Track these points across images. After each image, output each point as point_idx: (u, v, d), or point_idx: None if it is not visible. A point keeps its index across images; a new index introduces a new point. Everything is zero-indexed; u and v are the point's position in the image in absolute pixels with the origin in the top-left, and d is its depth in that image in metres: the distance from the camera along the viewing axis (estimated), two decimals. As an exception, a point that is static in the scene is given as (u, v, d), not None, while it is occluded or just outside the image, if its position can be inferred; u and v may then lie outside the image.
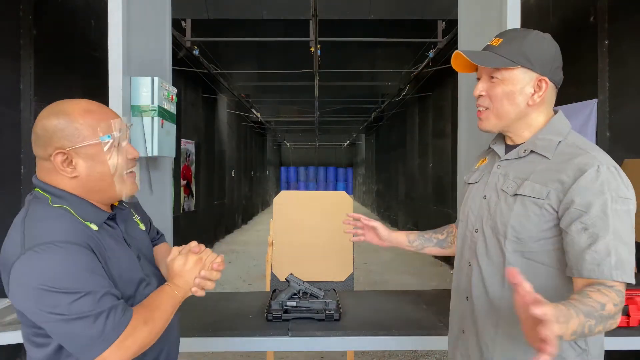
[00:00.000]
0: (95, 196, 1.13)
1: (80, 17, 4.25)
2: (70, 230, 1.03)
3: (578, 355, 1.13)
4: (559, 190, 1.10)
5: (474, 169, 1.41)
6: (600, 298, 0.98)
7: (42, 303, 0.97)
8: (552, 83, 1.21)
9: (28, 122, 3.54)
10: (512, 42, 1.19)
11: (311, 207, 2.76)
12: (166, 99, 2.14)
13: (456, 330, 1.36)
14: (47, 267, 0.97)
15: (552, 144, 1.18)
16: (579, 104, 3.84)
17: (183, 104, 7.32)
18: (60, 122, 1.08)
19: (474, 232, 1.28)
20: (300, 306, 2.04)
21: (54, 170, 1.09)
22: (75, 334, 0.98)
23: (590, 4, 3.71)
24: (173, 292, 1.16)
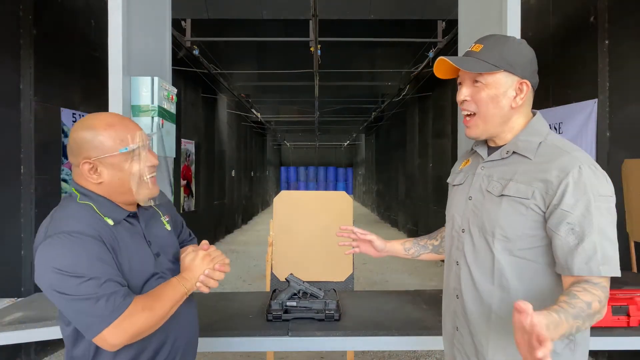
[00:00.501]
0: (118, 198, 1.28)
1: (80, 17, 4.25)
2: (87, 223, 1.18)
3: (566, 346, 1.18)
4: (543, 190, 1.14)
5: (457, 170, 1.45)
6: (586, 297, 1.04)
7: (53, 284, 1.12)
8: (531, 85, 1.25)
9: (28, 122, 3.54)
10: (493, 48, 1.24)
11: (311, 207, 2.76)
12: (166, 99, 2.14)
13: (450, 328, 1.39)
14: (60, 253, 1.13)
15: (532, 145, 1.22)
16: (579, 104, 3.84)
17: (183, 104, 7.32)
18: (86, 135, 1.23)
19: (460, 233, 1.32)
20: (300, 306, 2.04)
21: (83, 176, 1.25)
22: (80, 312, 1.12)
23: (590, 4, 3.71)
24: (179, 285, 1.27)
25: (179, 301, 1.26)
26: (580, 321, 1.02)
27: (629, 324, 1.93)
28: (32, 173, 3.57)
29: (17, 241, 3.53)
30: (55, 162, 3.82)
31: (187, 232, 1.59)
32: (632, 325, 1.93)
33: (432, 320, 2.02)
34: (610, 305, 1.93)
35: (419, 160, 9.67)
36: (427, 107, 9.14)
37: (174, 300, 1.25)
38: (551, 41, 4.28)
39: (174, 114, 2.27)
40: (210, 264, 1.33)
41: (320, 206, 2.76)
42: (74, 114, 4.03)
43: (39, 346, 3.68)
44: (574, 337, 1.18)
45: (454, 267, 1.36)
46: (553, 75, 4.27)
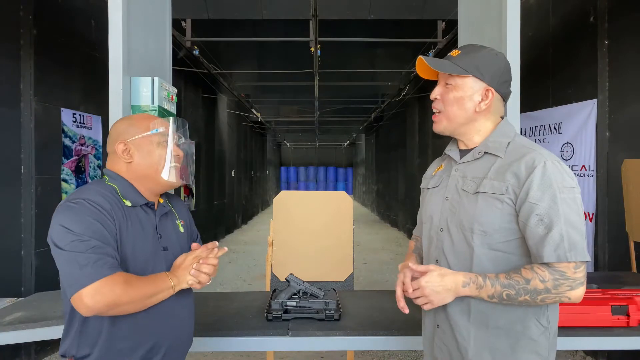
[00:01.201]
0: (143, 182, 1.40)
1: (80, 17, 4.25)
2: (102, 197, 1.30)
3: (542, 333, 1.27)
4: (515, 185, 1.23)
5: (430, 175, 1.54)
6: (527, 274, 1.19)
7: (56, 237, 1.23)
8: (499, 94, 1.34)
9: (28, 122, 3.54)
10: (468, 54, 1.34)
11: (311, 207, 2.76)
12: (166, 99, 2.14)
13: (431, 326, 1.44)
14: (71, 213, 1.24)
15: (502, 145, 1.32)
16: (579, 104, 3.84)
17: (183, 104, 7.32)
18: (125, 123, 1.43)
19: (439, 232, 1.38)
20: (300, 306, 2.04)
21: (117, 160, 1.40)
22: (67, 267, 1.21)
23: (590, 4, 3.71)
24: (166, 277, 1.33)
25: (162, 291, 1.31)
26: (513, 291, 1.19)
27: (628, 324, 1.93)
28: (32, 173, 3.57)
29: (17, 241, 3.53)
30: (55, 162, 3.82)
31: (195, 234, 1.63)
32: (632, 325, 1.93)
33: (432, 320, 2.02)
34: (610, 305, 1.93)
35: (419, 160, 9.67)
36: (427, 107, 9.14)
37: (158, 288, 1.30)
38: (551, 41, 4.28)
39: (174, 114, 2.27)
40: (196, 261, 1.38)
41: (320, 206, 2.76)
42: (74, 114, 4.03)
43: (39, 346, 3.68)
44: (548, 325, 1.27)
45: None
46: (553, 75, 4.28)
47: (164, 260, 1.39)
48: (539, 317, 1.26)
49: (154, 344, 1.34)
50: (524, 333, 1.26)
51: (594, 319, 1.92)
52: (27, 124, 3.53)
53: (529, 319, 1.26)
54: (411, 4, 5.61)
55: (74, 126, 4.03)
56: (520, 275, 1.19)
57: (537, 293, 1.18)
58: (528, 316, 1.26)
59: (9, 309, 2.40)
